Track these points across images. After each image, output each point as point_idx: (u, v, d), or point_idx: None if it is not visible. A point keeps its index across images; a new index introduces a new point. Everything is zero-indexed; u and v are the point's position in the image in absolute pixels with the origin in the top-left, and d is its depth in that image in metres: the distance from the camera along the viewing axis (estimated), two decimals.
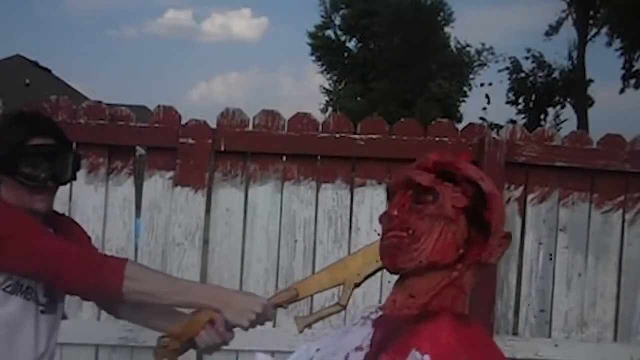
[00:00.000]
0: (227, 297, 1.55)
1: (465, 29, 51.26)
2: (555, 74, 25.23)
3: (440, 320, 1.14)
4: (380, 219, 1.23)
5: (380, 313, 1.24)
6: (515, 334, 2.76)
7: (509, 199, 2.75)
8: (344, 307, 1.41)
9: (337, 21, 29.31)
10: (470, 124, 2.84)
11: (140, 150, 2.77)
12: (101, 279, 1.53)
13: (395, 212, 1.19)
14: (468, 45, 27.82)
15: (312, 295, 1.49)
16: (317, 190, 2.70)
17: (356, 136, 2.68)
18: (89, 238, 1.89)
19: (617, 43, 23.12)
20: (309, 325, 1.42)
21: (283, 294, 1.50)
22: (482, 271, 1.23)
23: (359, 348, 1.19)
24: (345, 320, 2.33)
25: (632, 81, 23.15)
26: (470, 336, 1.13)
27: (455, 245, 1.17)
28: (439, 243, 1.16)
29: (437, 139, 2.69)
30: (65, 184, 1.76)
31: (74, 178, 1.78)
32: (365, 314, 1.28)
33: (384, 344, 1.16)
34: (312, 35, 29.20)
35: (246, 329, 1.51)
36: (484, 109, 21.32)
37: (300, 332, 1.45)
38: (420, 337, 1.11)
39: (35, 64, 26.77)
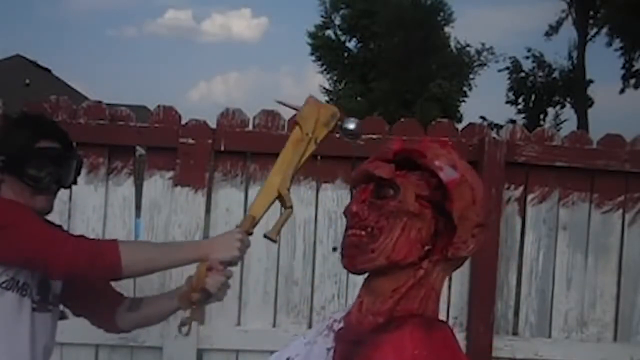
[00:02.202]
0: (209, 244, 1.66)
1: (465, 29, 51.32)
2: (555, 74, 25.25)
3: (405, 329, 1.05)
4: (345, 213, 1.14)
5: (342, 324, 1.16)
6: (515, 334, 2.76)
7: (509, 199, 2.75)
8: (292, 206, 1.61)
9: (337, 21, 29.35)
10: (470, 124, 2.84)
11: (140, 150, 2.77)
12: (100, 257, 1.55)
13: (355, 209, 1.11)
14: (468, 45, 27.88)
15: (262, 216, 1.64)
16: (317, 190, 2.70)
17: None
18: None
19: (617, 43, 23.15)
20: (278, 232, 1.61)
21: (246, 223, 1.62)
22: (455, 264, 1.13)
23: None
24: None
25: (632, 81, 23.15)
26: (437, 343, 1.04)
27: (420, 242, 1.08)
28: (400, 241, 1.07)
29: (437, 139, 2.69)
30: (68, 187, 1.80)
31: (75, 182, 1.82)
32: (329, 322, 1.21)
33: None
34: (312, 35, 29.21)
35: (238, 260, 1.61)
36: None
37: (276, 241, 1.65)
38: (382, 351, 1.03)
39: (35, 64, 26.79)
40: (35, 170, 1.66)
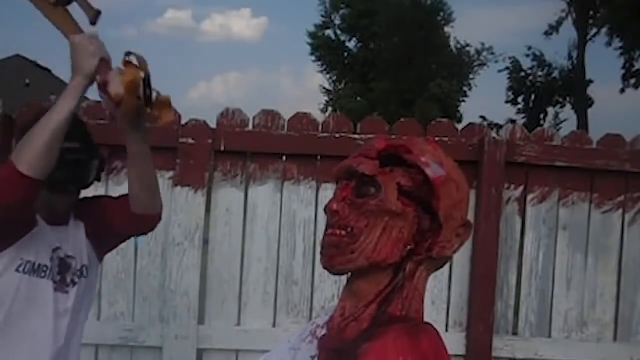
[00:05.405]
0: (75, 71, 1.57)
1: (465, 29, 51.37)
2: (555, 74, 25.26)
3: (389, 338, 1.00)
4: (325, 210, 1.10)
5: (324, 331, 1.13)
6: (515, 334, 2.76)
7: (509, 199, 2.76)
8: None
9: (337, 21, 29.35)
10: (470, 124, 2.84)
11: None
12: (4, 183, 1.49)
13: (335, 207, 1.07)
14: (468, 45, 27.89)
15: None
16: (317, 190, 2.70)
17: (356, 136, 2.68)
18: (112, 198, 1.92)
19: (617, 43, 23.14)
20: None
21: (69, 27, 1.64)
22: (439, 264, 1.10)
23: None
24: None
25: (632, 81, 23.15)
26: (422, 349, 1.00)
27: (402, 243, 1.04)
28: (381, 242, 1.04)
29: (437, 139, 2.69)
30: (87, 187, 1.79)
31: (99, 179, 1.81)
32: (312, 328, 1.17)
33: None
34: (312, 35, 29.22)
35: (105, 53, 1.61)
36: None
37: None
38: None
39: (35, 64, 26.82)
40: (53, 171, 1.66)
